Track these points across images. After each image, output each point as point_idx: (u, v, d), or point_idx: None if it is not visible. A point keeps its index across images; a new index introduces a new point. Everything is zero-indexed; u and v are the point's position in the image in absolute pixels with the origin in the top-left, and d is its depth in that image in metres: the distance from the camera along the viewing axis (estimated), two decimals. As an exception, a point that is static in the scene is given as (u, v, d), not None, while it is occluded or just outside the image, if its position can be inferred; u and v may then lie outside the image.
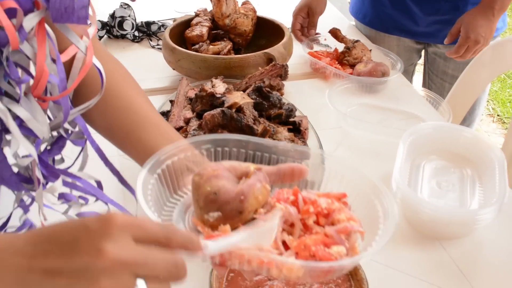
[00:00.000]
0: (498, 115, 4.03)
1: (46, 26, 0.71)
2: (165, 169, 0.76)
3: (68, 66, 0.79)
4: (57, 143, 0.81)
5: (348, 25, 2.20)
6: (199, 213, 0.72)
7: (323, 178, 0.81)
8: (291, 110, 1.26)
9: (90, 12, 0.74)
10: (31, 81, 0.72)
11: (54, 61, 0.75)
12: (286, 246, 0.69)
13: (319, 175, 0.82)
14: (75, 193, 0.85)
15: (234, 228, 0.70)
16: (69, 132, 0.82)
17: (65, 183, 0.82)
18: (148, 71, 1.73)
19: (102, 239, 0.52)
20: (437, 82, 2.12)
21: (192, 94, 1.33)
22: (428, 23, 1.99)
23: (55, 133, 0.81)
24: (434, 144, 1.30)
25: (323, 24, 1.98)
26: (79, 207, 0.85)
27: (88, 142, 0.86)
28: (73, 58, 0.80)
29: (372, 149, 1.38)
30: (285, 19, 1.83)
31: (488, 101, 4.23)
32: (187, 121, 1.22)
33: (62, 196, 0.82)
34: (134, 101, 0.95)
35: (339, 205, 0.72)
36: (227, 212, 0.69)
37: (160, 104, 1.40)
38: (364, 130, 1.43)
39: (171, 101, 1.35)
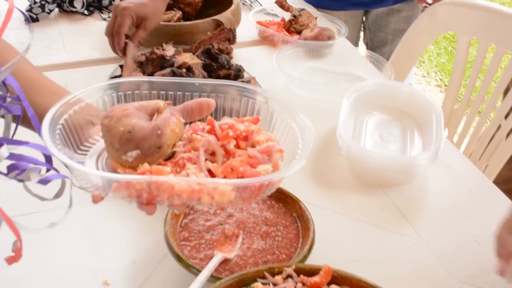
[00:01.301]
0: (445, 85, 4.16)
1: None
2: (64, 124, 0.73)
3: None
4: None
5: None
6: (115, 156, 0.69)
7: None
8: (239, 71, 1.31)
9: None
10: None
11: None
12: (211, 175, 0.69)
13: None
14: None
15: (154, 164, 0.69)
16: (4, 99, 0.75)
17: (11, 157, 0.74)
18: (100, 42, 1.75)
19: None
20: (380, 35, 2.22)
21: (143, 58, 1.37)
22: None
23: None
24: (376, 100, 1.37)
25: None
26: (38, 174, 0.77)
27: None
28: None
29: (319, 108, 1.44)
30: (233, -11, 1.86)
31: (435, 72, 4.36)
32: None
33: (13, 168, 0.74)
34: (19, 67, 0.89)
35: (256, 127, 0.73)
36: (146, 149, 0.68)
37: (111, 72, 1.43)
38: (310, 91, 1.49)
39: (120, 66, 1.38)
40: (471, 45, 1.76)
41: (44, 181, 0.75)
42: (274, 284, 0.79)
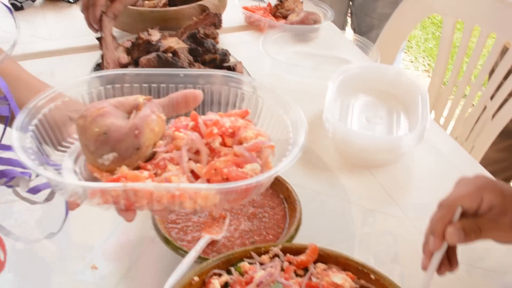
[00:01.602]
0: (433, 70, 4.17)
1: None
2: (38, 124, 0.68)
3: None
4: None
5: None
6: (91, 159, 0.65)
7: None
8: (225, 55, 1.31)
9: None
10: None
11: None
12: (195, 175, 0.64)
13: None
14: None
15: (133, 167, 0.65)
16: None
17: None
18: (85, 29, 1.74)
19: None
20: (367, 20, 2.23)
21: (128, 44, 1.36)
22: None
23: None
24: (362, 83, 1.37)
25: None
26: (27, 182, 0.74)
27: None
28: None
29: (305, 92, 1.44)
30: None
31: (423, 57, 4.38)
32: (124, 66, 1.25)
33: (2, 175, 0.71)
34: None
35: (244, 122, 0.68)
36: (123, 151, 0.63)
37: (97, 59, 1.42)
38: (297, 75, 1.49)
39: (98, 39, 1.36)
40: (458, 29, 1.76)
41: (34, 191, 0.72)
42: (261, 264, 0.80)
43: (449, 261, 0.83)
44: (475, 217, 0.81)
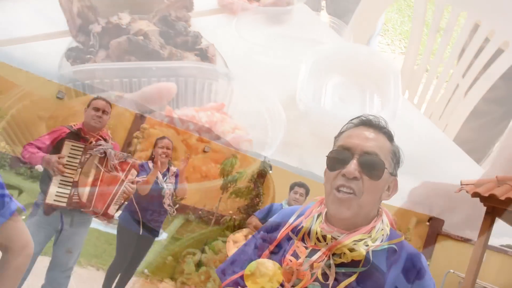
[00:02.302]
0: (406, 50, 4.19)
1: None
2: (6, 125, 0.65)
3: None
4: None
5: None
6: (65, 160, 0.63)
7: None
8: (197, 37, 1.30)
9: None
10: None
11: None
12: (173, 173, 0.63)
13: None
14: None
15: (109, 167, 0.63)
16: None
17: None
18: (57, 15, 1.72)
19: None
20: (341, 4, 2.22)
21: (99, 29, 1.35)
22: None
23: None
24: (335, 63, 1.38)
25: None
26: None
27: None
28: None
29: (279, 73, 1.44)
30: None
31: (400, 40, 4.39)
32: (78, 14, 1.24)
33: None
34: None
35: (220, 115, 0.67)
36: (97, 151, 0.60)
37: (68, 43, 1.41)
38: (271, 57, 1.49)
39: None
40: (433, 12, 1.77)
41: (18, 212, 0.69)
42: (235, 242, 0.80)
43: None
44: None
